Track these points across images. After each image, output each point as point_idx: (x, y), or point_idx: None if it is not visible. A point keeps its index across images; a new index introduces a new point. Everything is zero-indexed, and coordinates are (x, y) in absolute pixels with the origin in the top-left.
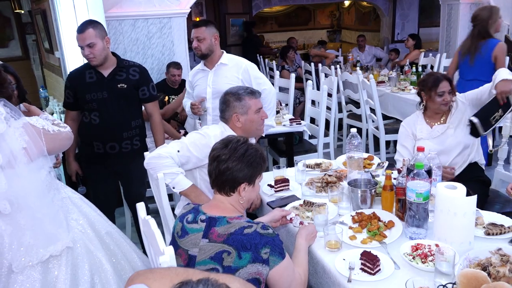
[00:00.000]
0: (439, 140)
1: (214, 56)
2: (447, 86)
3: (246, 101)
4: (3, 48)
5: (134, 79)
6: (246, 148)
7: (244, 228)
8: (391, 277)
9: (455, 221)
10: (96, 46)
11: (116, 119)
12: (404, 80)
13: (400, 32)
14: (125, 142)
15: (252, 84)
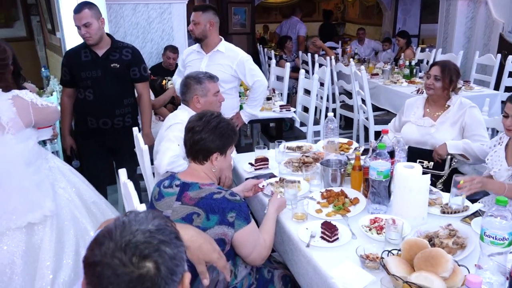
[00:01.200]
0: (423, 130)
1: (209, 41)
2: (436, 71)
3: (205, 84)
4: (8, 28)
5: (127, 60)
6: (219, 121)
7: (214, 193)
8: (347, 245)
9: (410, 197)
10: (92, 26)
11: (109, 96)
12: (397, 73)
13: (401, 27)
14: (117, 119)
15: (246, 75)
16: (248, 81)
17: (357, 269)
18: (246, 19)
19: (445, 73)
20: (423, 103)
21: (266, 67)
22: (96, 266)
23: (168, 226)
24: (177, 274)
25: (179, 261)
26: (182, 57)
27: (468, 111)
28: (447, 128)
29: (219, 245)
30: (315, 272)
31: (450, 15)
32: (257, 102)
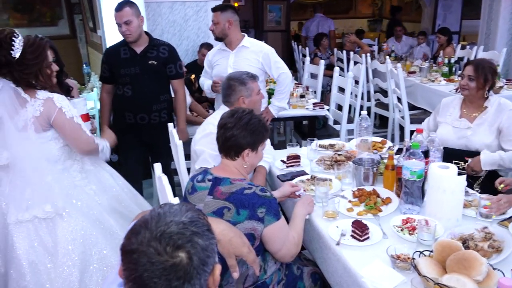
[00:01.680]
0: (459, 132)
1: (232, 38)
2: (470, 71)
3: (249, 84)
4: (53, 26)
5: (164, 57)
6: (250, 117)
7: (245, 189)
8: (377, 244)
9: (444, 198)
10: (132, 24)
11: (146, 93)
12: (436, 71)
13: (441, 23)
14: (154, 114)
15: (271, 67)
16: (273, 73)
17: (387, 269)
18: (281, 16)
19: (478, 72)
20: (459, 103)
21: (301, 65)
22: (133, 253)
23: (201, 218)
24: (208, 265)
25: (210, 253)
26: (207, 58)
27: (508, 114)
28: (484, 131)
29: (248, 240)
30: (345, 271)
31: (493, 11)
32: (284, 94)
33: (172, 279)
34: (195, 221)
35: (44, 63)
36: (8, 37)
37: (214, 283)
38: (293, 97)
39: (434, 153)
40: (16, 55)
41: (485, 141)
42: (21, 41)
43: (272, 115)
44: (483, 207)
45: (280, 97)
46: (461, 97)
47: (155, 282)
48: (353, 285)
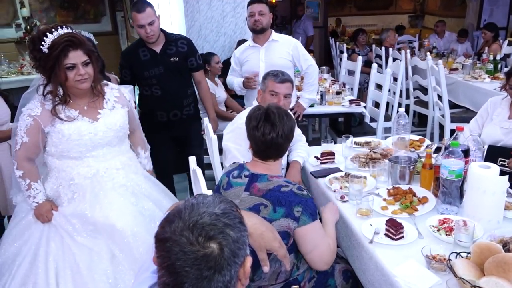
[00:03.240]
0: (509, 134)
1: (266, 33)
2: None
3: (267, 80)
4: (96, 23)
5: (184, 51)
6: (290, 125)
7: (282, 186)
8: (412, 244)
9: (484, 199)
10: (155, 23)
11: (175, 89)
12: (480, 68)
13: (488, 18)
14: (186, 109)
15: (300, 60)
16: (302, 65)
17: (421, 269)
18: (319, 12)
19: None
20: (508, 104)
21: (338, 61)
22: (166, 242)
23: (233, 210)
24: (239, 256)
25: (241, 245)
26: (235, 57)
27: None
28: None
29: (283, 238)
30: (377, 269)
31: None
32: (314, 86)
33: (203, 269)
34: (227, 213)
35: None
36: (41, 33)
37: (244, 275)
38: (329, 94)
39: (475, 152)
40: (46, 50)
41: None
42: (56, 36)
43: (303, 107)
44: None
45: (310, 90)
46: (509, 98)
47: (187, 271)
48: (385, 284)
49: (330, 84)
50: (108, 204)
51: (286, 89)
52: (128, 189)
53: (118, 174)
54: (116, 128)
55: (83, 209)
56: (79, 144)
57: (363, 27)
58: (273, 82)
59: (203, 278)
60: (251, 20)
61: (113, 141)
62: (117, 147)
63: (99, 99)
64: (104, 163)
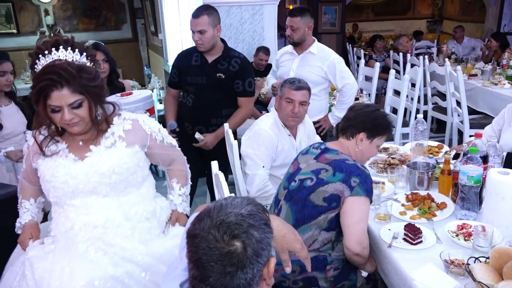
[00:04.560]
0: None
1: (306, 43)
2: None
3: (284, 87)
4: (117, 30)
5: (233, 71)
6: (377, 110)
7: (347, 160)
8: (431, 248)
9: (502, 205)
10: (207, 34)
11: (208, 105)
12: (499, 74)
13: (508, 23)
14: (212, 128)
15: (336, 77)
16: (338, 84)
17: (440, 273)
18: (336, 18)
19: None
20: None
21: (355, 67)
22: (195, 238)
23: (259, 213)
24: (262, 256)
25: (265, 245)
26: (276, 57)
27: None
28: None
29: (333, 201)
30: (396, 273)
31: None
32: (347, 105)
33: (227, 265)
34: (253, 215)
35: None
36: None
37: (268, 274)
38: None
39: (494, 158)
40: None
41: None
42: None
43: (330, 124)
44: None
45: (342, 107)
46: None
47: (212, 265)
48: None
49: None
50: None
51: (302, 96)
52: (107, 254)
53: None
54: (106, 173)
55: (43, 269)
56: (54, 187)
57: (380, 33)
58: (289, 89)
59: (226, 274)
60: (286, 31)
61: (102, 189)
62: (112, 198)
63: (102, 132)
64: (85, 216)
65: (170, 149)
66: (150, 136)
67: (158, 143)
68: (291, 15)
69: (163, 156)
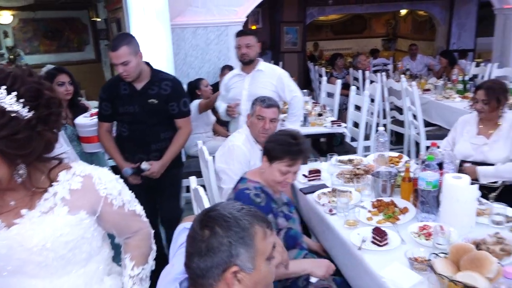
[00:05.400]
0: (477, 148)
1: (253, 63)
2: (482, 95)
3: (256, 105)
4: (80, 51)
5: (165, 94)
6: (282, 135)
7: (247, 189)
8: (396, 249)
9: (458, 206)
10: (130, 64)
11: (145, 132)
12: (450, 88)
13: (456, 41)
14: (153, 154)
15: (284, 90)
16: (286, 96)
17: (405, 270)
18: (298, 38)
19: (490, 96)
20: (476, 121)
21: (317, 84)
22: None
23: (241, 220)
24: (218, 254)
25: (225, 247)
26: (224, 82)
27: None
28: (500, 147)
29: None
30: (366, 273)
31: (506, 29)
32: (297, 117)
33: (189, 246)
34: (232, 217)
35: None
36: None
37: (227, 280)
38: (312, 116)
39: (448, 165)
40: None
41: (501, 155)
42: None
43: None
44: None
45: (293, 120)
46: (477, 115)
47: (186, 246)
48: (374, 286)
49: (312, 106)
50: None
51: (272, 113)
52: None
53: None
54: (34, 248)
55: None
56: None
57: (339, 51)
58: (260, 107)
59: (188, 254)
60: (238, 52)
61: (29, 269)
62: (43, 280)
63: (40, 192)
64: None
65: (131, 219)
66: (105, 200)
67: (114, 209)
68: (245, 34)
69: (120, 226)
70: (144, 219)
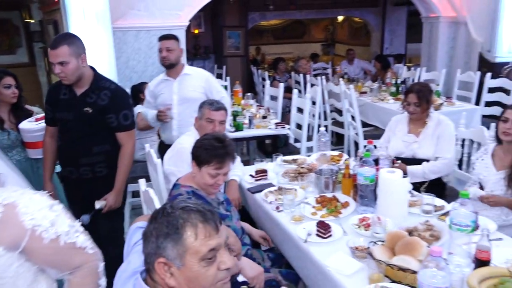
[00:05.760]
0: (408, 146)
1: (178, 66)
2: (413, 99)
3: (203, 109)
4: (11, 54)
5: (102, 104)
6: (206, 140)
7: (180, 195)
8: (339, 240)
9: (392, 198)
10: (69, 65)
11: (75, 143)
12: (384, 91)
13: (389, 46)
14: (83, 168)
15: (212, 92)
16: (215, 97)
17: (348, 258)
18: (240, 42)
19: (421, 99)
20: (407, 120)
21: (261, 88)
22: None
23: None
24: (148, 244)
25: (154, 237)
26: (149, 89)
27: (443, 127)
28: (427, 144)
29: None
30: (312, 264)
31: (433, 36)
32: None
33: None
34: (166, 212)
35: None
36: None
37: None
38: (256, 118)
39: (383, 161)
40: None
41: (429, 152)
42: None
43: None
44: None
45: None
46: (408, 115)
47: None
48: (320, 275)
49: (257, 109)
50: None
51: (221, 116)
52: None
53: None
54: None
55: None
56: None
57: (281, 55)
58: (209, 110)
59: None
60: (160, 56)
61: None
62: None
63: None
64: None
65: (69, 252)
66: (31, 233)
67: (45, 243)
68: (166, 38)
69: (55, 262)
70: (89, 251)
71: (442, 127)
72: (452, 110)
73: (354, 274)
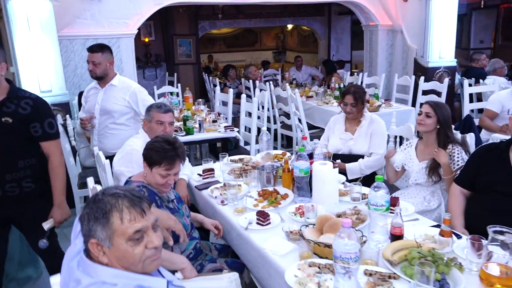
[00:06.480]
0: (345, 143)
1: (108, 77)
2: (350, 100)
3: (152, 112)
4: None
5: (24, 113)
6: (156, 142)
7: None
8: (277, 226)
9: (324, 187)
10: None
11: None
12: (329, 95)
13: (335, 54)
14: (10, 185)
15: (139, 105)
16: (141, 111)
17: (283, 241)
18: (191, 50)
19: (357, 99)
20: (343, 120)
21: (212, 94)
22: None
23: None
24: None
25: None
26: (84, 94)
27: (376, 126)
28: (362, 140)
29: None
30: (252, 248)
31: (373, 43)
32: None
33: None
34: (98, 199)
35: None
36: None
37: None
38: (206, 122)
39: (318, 155)
40: None
41: (363, 148)
42: None
43: None
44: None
45: None
46: (344, 115)
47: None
48: (259, 258)
49: (207, 114)
50: None
51: (170, 117)
52: None
53: None
54: None
55: None
56: None
57: (234, 63)
58: (158, 113)
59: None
60: (88, 67)
61: None
62: None
63: None
64: None
65: None
66: None
67: None
68: (92, 51)
69: None
70: None
71: (374, 125)
72: (389, 112)
73: (287, 254)
